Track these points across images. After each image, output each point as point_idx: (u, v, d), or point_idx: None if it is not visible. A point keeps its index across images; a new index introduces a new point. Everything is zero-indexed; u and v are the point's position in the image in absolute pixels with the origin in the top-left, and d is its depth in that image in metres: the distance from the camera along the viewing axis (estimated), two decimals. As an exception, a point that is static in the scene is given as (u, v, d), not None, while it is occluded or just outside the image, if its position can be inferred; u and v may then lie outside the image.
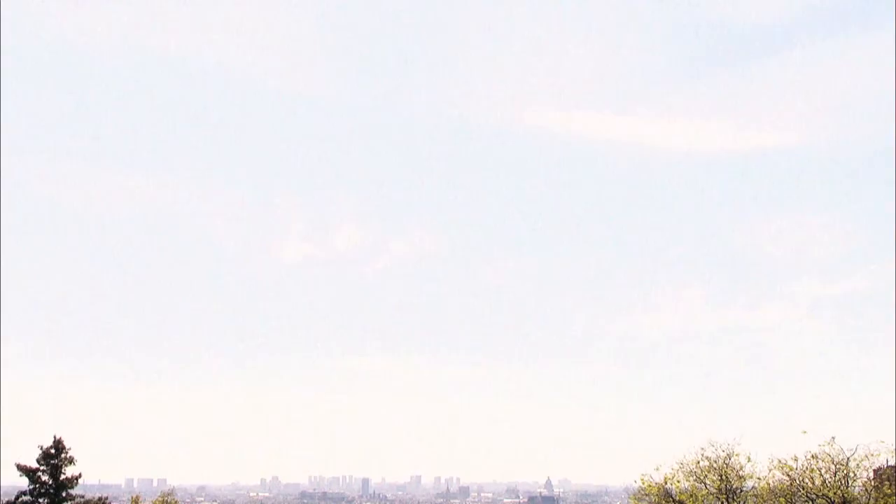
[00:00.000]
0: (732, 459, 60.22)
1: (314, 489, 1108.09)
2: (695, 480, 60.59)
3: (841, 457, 58.12)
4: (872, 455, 57.81)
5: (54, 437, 58.04)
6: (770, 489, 59.80)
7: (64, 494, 57.54)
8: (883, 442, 57.35)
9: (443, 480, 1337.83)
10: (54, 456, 57.43)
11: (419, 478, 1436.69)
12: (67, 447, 57.93)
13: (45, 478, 57.32)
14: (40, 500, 57.51)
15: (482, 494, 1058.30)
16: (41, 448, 57.71)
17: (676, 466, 60.96)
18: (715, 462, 60.23)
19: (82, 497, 59.75)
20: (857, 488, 58.95)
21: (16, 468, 57.65)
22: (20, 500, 57.97)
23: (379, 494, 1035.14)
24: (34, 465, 57.56)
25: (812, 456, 58.54)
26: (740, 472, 60.20)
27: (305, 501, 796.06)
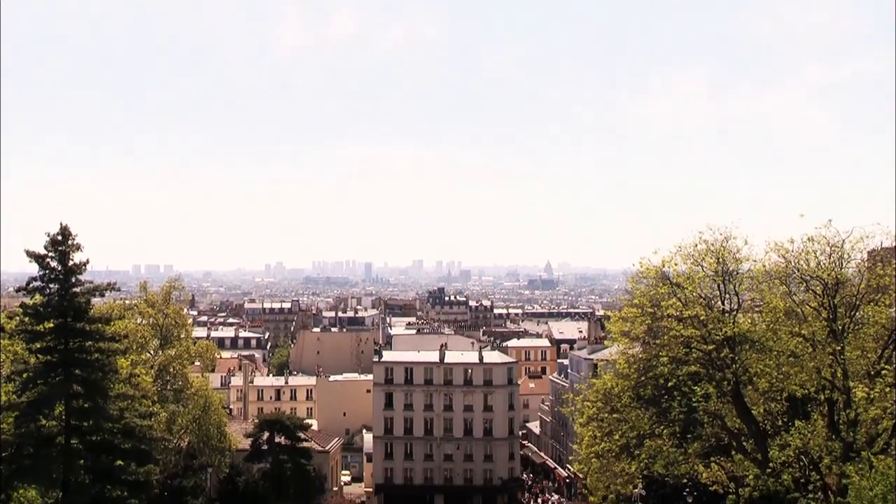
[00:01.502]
0: (730, 242, 60.82)
1: (318, 274, 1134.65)
2: (692, 263, 61.41)
3: (836, 239, 58.71)
4: (867, 237, 58.36)
5: (60, 224, 58.43)
6: (766, 271, 60.72)
7: (73, 280, 58.38)
8: (878, 224, 57.87)
9: (444, 264, 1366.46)
10: (62, 242, 57.90)
11: (421, 262, 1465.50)
12: (74, 234, 58.46)
13: (53, 264, 57.97)
14: (51, 286, 58.41)
15: (483, 278, 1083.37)
16: (48, 235, 58.23)
17: (674, 250, 61.65)
18: (712, 245, 60.87)
19: (91, 283, 60.69)
20: (850, 269, 59.88)
21: (25, 254, 58.34)
22: (31, 285, 58.95)
23: (381, 278, 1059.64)
24: (42, 251, 58.17)
25: (808, 238, 59.11)
26: (737, 255, 60.95)
27: (309, 286, 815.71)
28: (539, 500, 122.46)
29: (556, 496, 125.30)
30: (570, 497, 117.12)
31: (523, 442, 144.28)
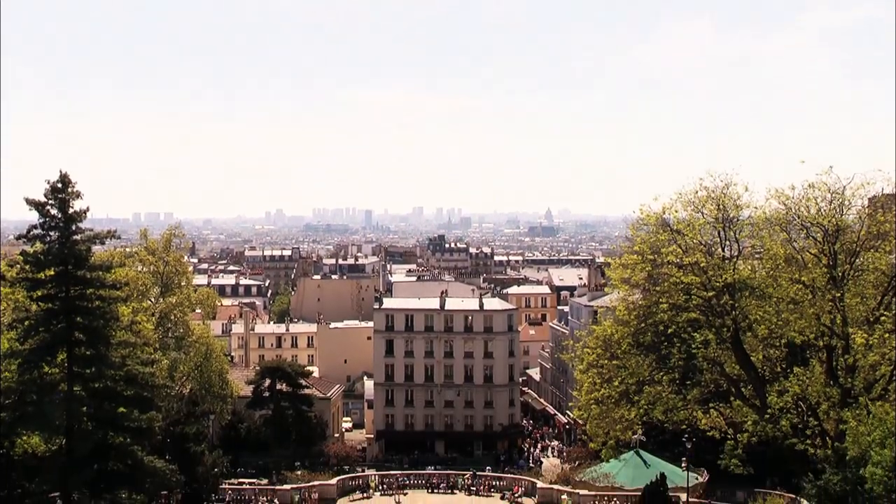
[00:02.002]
0: (730, 189, 60.84)
1: (318, 221, 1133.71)
2: (693, 210, 61.42)
3: (837, 185, 58.70)
4: (868, 183, 58.38)
5: (60, 172, 58.16)
6: (766, 218, 60.73)
7: (73, 227, 58.25)
8: (880, 170, 57.84)
9: (444, 211, 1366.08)
10: (61, 190, 57.66)
11: (421, 209, 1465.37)
12: (73, 181, 58.20)
13: (53, 211, 57.79)
14: (51, 233, 58.28)
15: (483, 225, 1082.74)
16: (48, 182, 57.98)
17: (675, 196, 61.70)
18: (713, 192, 60.84)
19: (91, 230, 60.57)
20: (851, 216, 59.87)
21: (24, 202, 58.17)
22: (31, 233, 58.84)
23: (381, 226, 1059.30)
24: (42, 199, 57.95)
25: (809, 185, 59.09)
26: (738, 202, 60.95)
27: (310, 233, 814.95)
28: (539, 447, 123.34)
29: (555, 442, 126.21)
30: (570, 443, 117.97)
31: (523, 388, 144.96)
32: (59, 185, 57.96)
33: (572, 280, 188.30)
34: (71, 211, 58.12)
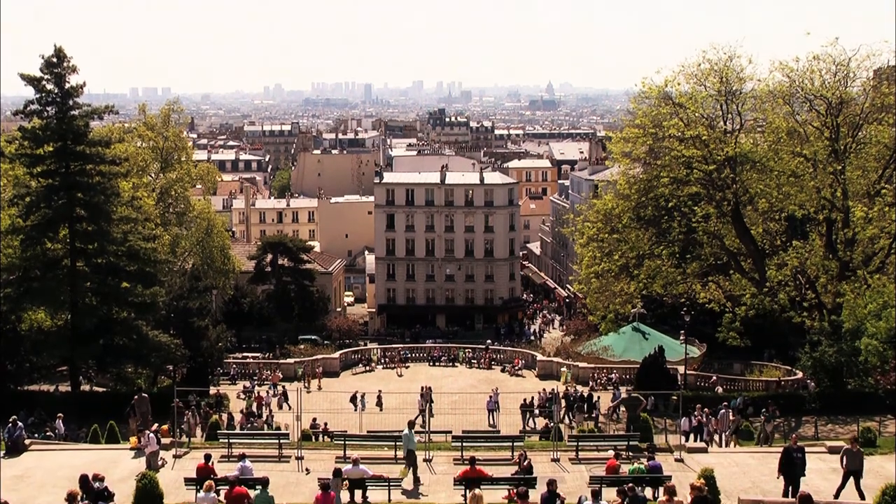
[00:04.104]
0: (734, 62, 60.14)
1: (317, 96, 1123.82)
2: (695, 83, 60.82)
3: (842, 57, 58.08)
4: (874, 55, 57.79)
5: (55, 46, 57.37)
6: (769, 91, 60.21)
7: (71, 103, 57.75)
8: (886, 41, 57.25)
9: (444, 85, 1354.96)
10: (57, 65, 56.97)
11: (421, 83, 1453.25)
12: (69, 56, 57.42)
13: (50, 86, 57.23)
14: (48, 109, 57.84)
15: (483, 98, 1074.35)
16: (43, 57, 57.23)
17: (677, 69, 61.02)
18: (716, 64, 60.15)
19: (89, 106, 60.04)
20: (855, 88, 59.38)
21: (19, 77, 57.52)
22: (28, 109, 58.34)
23: (381, 100, 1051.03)
24: (37, 74, 57.29)
25: (813, 57, 58.48)
26: (741, 75, 60.32)
27: (309, 108, 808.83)
28: (539, 320, 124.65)
29: (555, 316, 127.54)
30: (570, 317, 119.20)
31: (524, 262, 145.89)
32: (55, 60, 57.27)
33: (573, 154, 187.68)
34: (67, 86, 57.57)
